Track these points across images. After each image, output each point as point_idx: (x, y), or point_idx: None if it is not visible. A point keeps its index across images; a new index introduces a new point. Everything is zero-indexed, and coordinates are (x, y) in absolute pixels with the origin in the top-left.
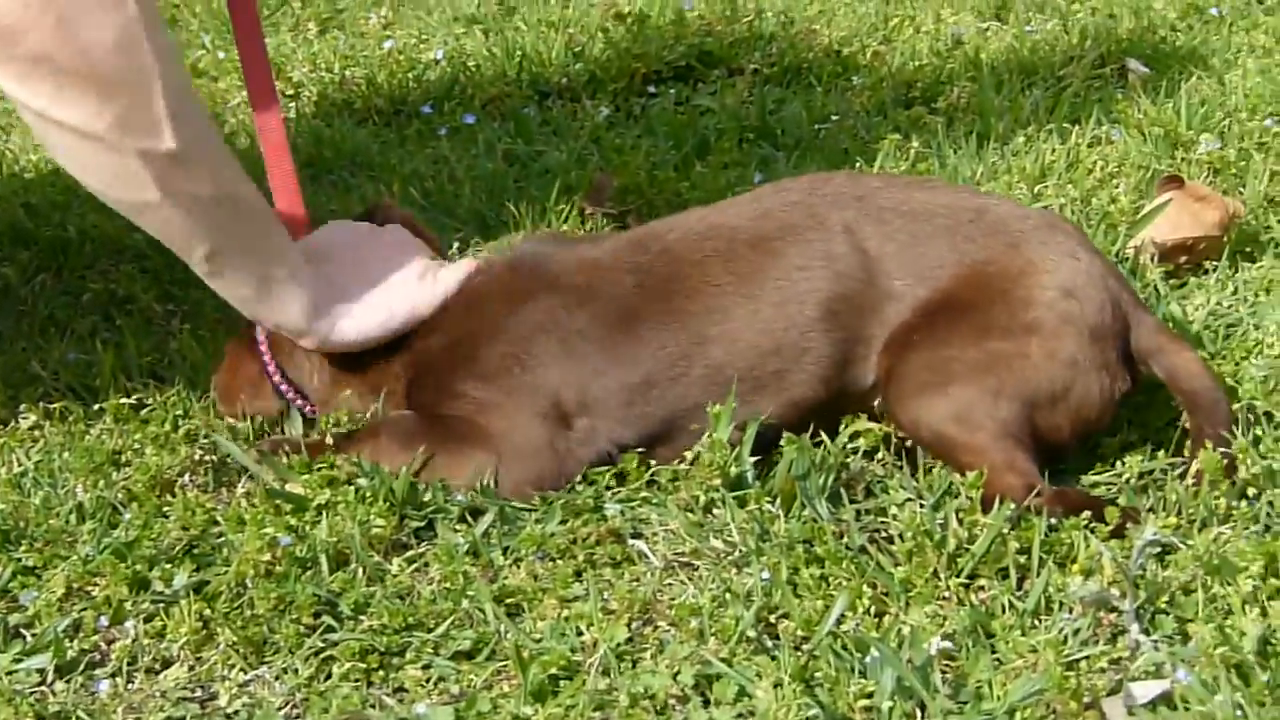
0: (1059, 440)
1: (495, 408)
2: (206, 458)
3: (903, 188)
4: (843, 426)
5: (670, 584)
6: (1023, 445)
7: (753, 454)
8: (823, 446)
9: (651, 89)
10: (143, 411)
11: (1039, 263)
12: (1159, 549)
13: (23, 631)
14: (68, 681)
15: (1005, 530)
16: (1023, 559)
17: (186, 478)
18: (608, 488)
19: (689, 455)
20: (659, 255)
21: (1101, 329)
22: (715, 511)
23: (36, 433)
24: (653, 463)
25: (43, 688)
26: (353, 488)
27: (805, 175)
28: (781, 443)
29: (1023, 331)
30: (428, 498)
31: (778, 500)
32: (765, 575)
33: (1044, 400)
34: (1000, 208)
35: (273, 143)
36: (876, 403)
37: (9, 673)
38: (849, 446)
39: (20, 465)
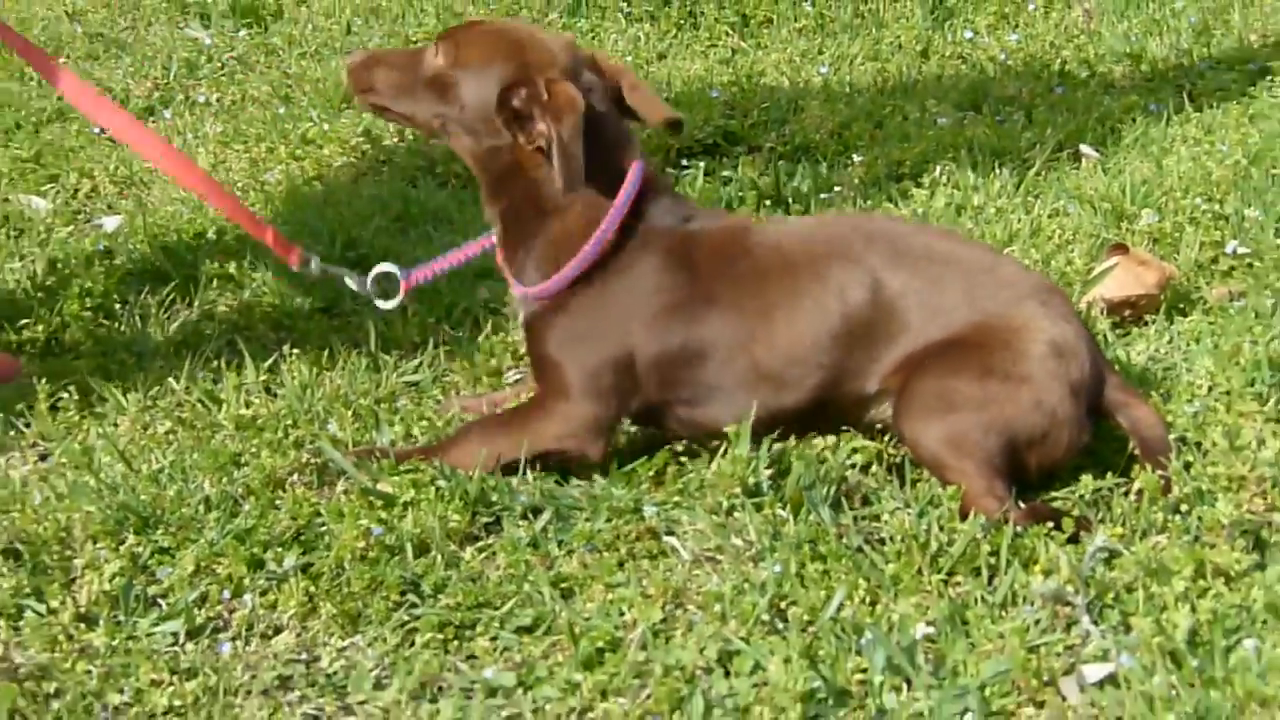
0: (1025, 474)
1: (569, 364)
2: (312, 461)
3: (931, 235)
4: (842, 443)
5: (698, 575)
6: (1001, 474)
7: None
8: (826, 462)
9: (684, 162)
10: (258, 421)
11: (1035, 320)
12: (1107, 554)
13: (159, 601)
14: (196, 643)
15: (979, 536)
16: (993, 560)
17: (295, 477)
18: (646, 492)
19: (713, 467)
20: (744, 255)
21: (1080, 386)
22: (736, 515)
23: (171, 437)
24: (686, 466)
25: (175, 648)
26: (434, 488)
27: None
28: (793, 458)
29: (1018, 380)
30: (495, 498)
31: (788, 506)
32: (777, 569)
33: (1023, 442)
34: (1008, 267)
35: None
36: (873, 411)
37: (148, 635)
38: (848, 462)
39: (157, 464)
